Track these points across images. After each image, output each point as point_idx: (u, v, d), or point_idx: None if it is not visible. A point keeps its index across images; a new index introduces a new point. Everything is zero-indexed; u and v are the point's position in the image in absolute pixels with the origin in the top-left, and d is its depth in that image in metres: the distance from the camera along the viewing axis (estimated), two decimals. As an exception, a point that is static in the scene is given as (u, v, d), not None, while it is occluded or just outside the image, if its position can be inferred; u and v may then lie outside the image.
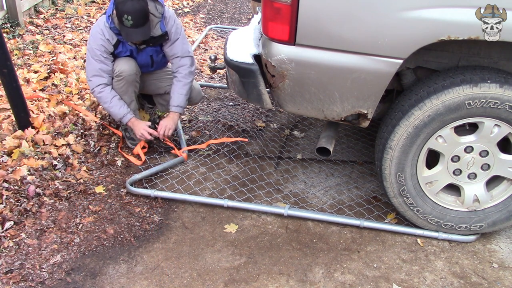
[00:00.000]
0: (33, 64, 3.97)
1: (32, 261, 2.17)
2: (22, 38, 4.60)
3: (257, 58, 2.29)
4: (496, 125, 2.10)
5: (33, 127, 2.95)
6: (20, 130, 2.91)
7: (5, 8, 4.74)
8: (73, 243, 2.29)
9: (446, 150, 2.18)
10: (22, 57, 4.13)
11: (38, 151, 2.80)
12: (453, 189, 2.32)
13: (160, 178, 2.80)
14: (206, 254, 2.26)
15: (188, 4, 6.87)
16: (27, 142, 2.82)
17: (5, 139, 2.82)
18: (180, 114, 2.93)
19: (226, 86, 3.92)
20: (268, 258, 2.25)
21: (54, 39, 4.66)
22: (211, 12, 6.53)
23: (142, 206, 2.58)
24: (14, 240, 2.27)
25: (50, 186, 2.60)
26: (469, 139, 2.16)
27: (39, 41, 4.53)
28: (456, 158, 2.19)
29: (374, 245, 2.35)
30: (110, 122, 3.19)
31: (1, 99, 3.30)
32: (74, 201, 2.58)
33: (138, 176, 2.73)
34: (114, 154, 3.00)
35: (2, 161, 2.67)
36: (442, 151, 2.19)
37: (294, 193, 2.72)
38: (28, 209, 2.42)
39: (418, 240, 2.39)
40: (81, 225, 2.41)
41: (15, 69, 2.92)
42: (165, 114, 3.37)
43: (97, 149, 2.99)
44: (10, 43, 4.37)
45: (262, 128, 3.42)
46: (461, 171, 2.22)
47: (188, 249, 2.29)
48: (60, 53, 4.19)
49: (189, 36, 5.21)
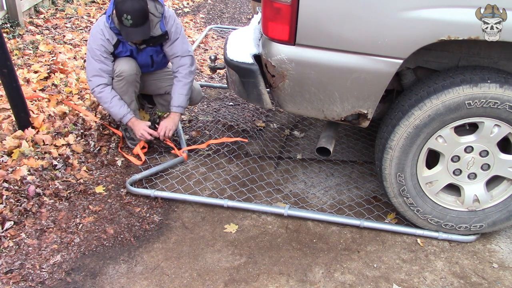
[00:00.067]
0: (33, 64, 3.97)
1: (32, 261, 2.17)
2: (22, 38, 4.60)
3: (257, 58, 2.29)
4: (496, 125, 2.10)
5: (33, 127, 2.95)
6: (20, 130, 2.91)
7: (5, 8, 4.74)
8: (73, 243, 2.29)
9: (446, 150, 2.18)
10: (22, 57, 4.13)
11: (38, 151, 2.80)
12: (453, 189, 2.32)
13: (160, 178, 2.80)
14: (206, 254, 2.26)
15: (188, 4, 6.87)
16: (27, 142, 2.82)
17: (5, 139, 2.82)
18: (181, 115, 2.93)
19: (226, 86, 3.92)
20: (268, 258, 2.25)
21: (54, 39, 4.66)
22: (211, 12, 6.53)
23: (142, 206, 2.58)
24: (14, 240, 2.27)
25: (50, 186, 2.60)
26: (469, 139, 2.16)
27: (39, 41, 4.53)
28: (456, 158, 2.19)
29: (374, 245, 2.35)
30: (110, 122, 3.19)
31: (1, 99, 3.30)
32: (74, 201, 2.58)
33: (138, 176, 2.73)
34: (114, 154, 3.00)
35: (2, 161, 2.67)
36: (442, 151, 2.19)
37: (294, 193, 2.72)
38: (28, 209, 2.42)
39: (418, 240, 2.39)
40: (81, 225, 2.41)
41: (15, 69, 2.92)
42: (165, 114, 3.37)
43: (97, 149, 2.99)
44: (10, 43, 4.37)
45: (262, 128, 3.41)
46: (461, 171, 2.22)
47: (188, 249, 2.29)
48: (60, 53, 4.19)
49: (189, 36, 5.21)
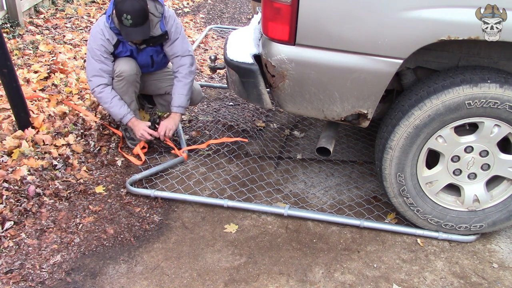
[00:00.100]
0: (33, 64, 3.97)
1: (32, 261, 2.17)
2: (22, 38, 4.60)
3: (257, 58, 2.29)
4: (496, 125, 2.10)
5: (33, 127, 2.95)
6: (20, 130, 2.91)
7: (5, 8, 4.74)
8: (73, 243, 2.29)
9: (446, 150, 2.18)
10: (22, 57, 4.13)
11: (38, 151, 2.80)
12: (453, 189, 2.32)
13: (160, 178, 2.80)
14: (206, 254, 2.26)
15: (188, 4, 6.87)
16: (27, 142, 2.82)
17: (5, 139, 2.82)
18: (181, 115, 2.93)
19: (226, 86, 3.92)
20: (268, 258, 2.25)
21: (54, 39, 4.66)
22: (211, 12, 6.53)
23: (142, 206, 2.58)
24: (14, 240, 2.27)
25: (50, 186, 2.60)
26: (469, 139, 2.16)
27: (39, 41, 4.53)
28: (456, 158, 2.19)
29: (374, 245, 2.35)
30: (110, 122, 3.19)
31: (1, 99, 3.30)
32: (74, 201, 2.58)
33: (138, 176, 2.73)
34: (114, 154, 3.00)
35: (2, 161, 2.67)
36: (442, 151, 2.19)
37: (294, 193, 2.72)
38: (28, 209, 2.42)
39: (418, 240, 2.38)
40: (81, 225, 2.41)
41: (15, 69, 2.92)
42: (165, 114, 3.37)
43: (97, 149, 2.99)
44: (10, 43, 4.37)
45: (262, 128, 3.41)
46: (461, 171, 2.22)
47: (188, 249, 2.29)
48: (60, 53, 4.19)
49: (189, 36, 5.21)
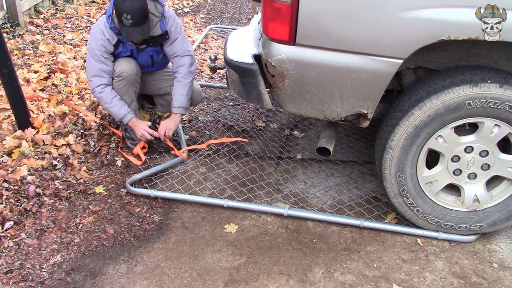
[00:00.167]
0: (33, 64, 3.97)
1: (32, 261, 2.17)
2: (22, 38, 4.60)
3: (257, 58, 2.29)
4: (496, 125, 2.10)
5: (33, 127, 2.95)
6: (20, 130, 2.91)
7: (5, 8, 4.74)
8: (73, 243, 2.29)
9: (446, 150, 2.18)
10: (22, 57, 4.13)
11: (38, 151, 2.80)
12: (453, 189, 2.32)
13: (160, 178, 2.80)
14: (206, 254, 2.26)
15: (188, 4, 6.87)
16: (27, 142, 2.82)
17: (5, 139, 2.82)
18: (181, 115, 2.93)
19: (226, 86, 3.92)
20: (268, 258, 2.25)
21: (54, 39, 4.66)
22: (211, 12, 6.53)
23: (142, 206, 2.58)
24: (14, 240, 2.27)
25: (50, 186, 2.60)
26: (469, 139, 2.16)
27: (39, 41, 4.53)
28: (456, 158, 2.19)
29: (374, 245, 2.35)
30: (110, 122, 3.19)
31: (1, 99, 3.30)
32: (74, 201, 2.58)
33: (138, 176, 2.73)
34: (114, 154, 3.00)
35: (2, 161, 2.67)
36: (442, 151, 2.19)
37: (294, 193, 2.72)
38: (28, 209, 2.42)
39: (418, 240, 2.38)
40: (81, 225, 2.41)
41: (15, 69, 2.93)
42: (165, 114, 3.37)
43: (97, 149, 2.99)
44: (10, 43, 4.37)
45: (262, 128, 3.41)
46: (461, 171, 2.22)
47: (188, 249, 2.29)
48: (60, 53, 4.19)
49: (189, 36, 5.21)
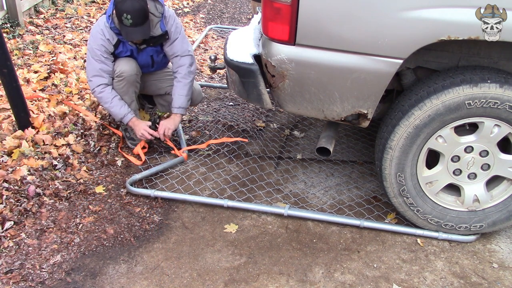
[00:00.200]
0: (33, 64, 3.97)
1: (32, 261, 2.17)
2: (22, 38, 4.60)
3: (257, 58, 2.29)
4: (496, 125, 2.10)
5: (33, 127, 2.95)
6: (20, 130, 2.91)
7: (5, 8, 4.74)
8: (73, 243, 2.29)
9: (446, 150, 2.18)
10: (22, 57, 4.13)
11: (38, 151, 2.80)
12: (453, 189, 2.32)
13: (160, 178, 2.80)
14: (206, 254, 2.26)
15: (188, 4, 6.87)
16: (27, 142, 2.82)
17: (5, 139, 2.82)
18: (181, 115, 2.93)
19: (226, 86, 3.92)
20: (268, 258, 2.25)
21: (54, 39, 4.66)
22: (211, 12, 6.54)
23: (142, 206, 2.58)
24: (14, 240, 2.27)
25: (50, 186, 2.60)
26: (469, 139, 2.16)
27: (39, 41, 4.53)
28: (456, 158, 2.19)
29: (374, 245, 2.35)
30: (110, 122, 3.19)
31: (1, 99, 3.30)
32: (74, 201, 2.58)
33: (138, 176, 2.73)
34: (114, 154, 3.00)
35: (2, 161, 2.67)
36: (442, 151, 2.19)
37: (294, 193, 2.72)
38: (28, 209, 2.42)
39: (418, 240, 2.38)
40: (81, 225, 2.41)
41: (15, 69, 2.92)
42: (165, 114, 3.37)
43: (97, 149, 2.99)
44: (10, 43, 4.37)
45: (262, 128, 3.41)
46: (461, 171, 2.22)
47: (188, 249, 2.29)
48: (60, 53, 4.19)
49: (189, 36, 5.21)
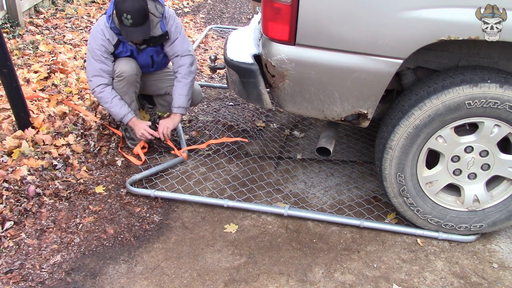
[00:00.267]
0: (33, 64, 3.97)
1: (32, 261, 2.17)
2: (22, 38, 4.60)
3: (257, 58, 2.29)
4: (496, 125, 2.10)
5: (33, 127, 2.95)
6: (20, 130, 2.91)
7: (5, 8, 4.74)
8: (73, 243, 2.29)
9: (446, 150, 2.18)
10: (22, 57, 4.13)
11: (38, 151, 2.80)
12: (453, 189, 2.32)
13: (160, 178, 2.80)
14: (206, 254, 2.26)
15: (188, 4, 6.87)
16: (27, 142, 2.82)
17: (5, 139, 2.82)
18: (181, 115, 2.93)
19: (226, 86, 3.92)
20: (268, 258, 2.25)
21: (54, 39, 4.66)
22: (211, 12, 6.54)
23: (142, 206, 2.58)
24: (14, 240, 2.27)
25: (50, 186, 2.60)
26: (469, 139, 2.16)
27: (39, 41, 4.53)
28: (456, 158, 2.19)
29: (374, 245, 2.35)
30: (110, 122, 3.19)
31: (1, 99, 3.30)
32: (74, 201, 2.58)
33: (138, 176, 2.73)
34: (114, 154, 3.00)
35: (2, 161, 2.67)
36: (442, 151, 2.19)
37: (294, 193, 2.72)
38: (28, 209, 2.42)
39: (418, 240, 2.39)
40: (81, 225, 2.41)
41: (15, 69, 2.93)
42: (165, 115, 3.37)
43: (97, 149, 3.00)
44: (10, 43, 4.37)
45: (262, 128, 3.41)
46: (461, 171, 2.22)
47: (188, 249, 2.29)
48: (60, 53, 4.19)
49: (189, 36, 5.21)
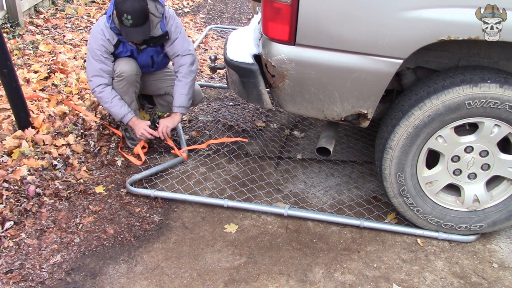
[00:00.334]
0: (33, 64, 3.97)
1: (32, 261, 2.17)
2: (22, 38, 4.60)
3: (257, 58, 2.29)
4: (496, 125, 2.10)
5: (33, 127, 2.95)
6: (20, 130, 2.91)
7: (5, 8, 4.75)
8: (73, 243, 2.29)
9: (446, 150, 2.18)
10: (22, 57, 4.13)
11: (38, 151, 2.80)
12: (453, 189, 2.32)
13: (160, 178, 2.80)
14: (206, 254, 2.26)
15: (188, 4, 6.87)
16: (27, 142, 2.82)
17: (5, 139, 2.82)
18: (182, 115, 2.93)
19: (226, 86, 3.92)
20: (268, 258, 2.25)
21: (54, 39, 4.66)
22: (211, 12, 6.54)
23: (142, 206, 2.58)
24: (14, 240, 2.27)
25: (50, 186, 2.60)
26: (469, 139, 2.16)
27: (39, 41, 4.53)
28: (456, 158, 2.19)
29: (374, 245, 2.35)
30: (110, 122, 3.19)
31: (1, 99, 3.30)
32: (74, 201, 2.58)
33: (138, 176, 2.73)
34: (114, 154, 3.00)
35: (2, 161, 2.67)
36: (442, 151, 2.19)
37: (294, 193, 2.72)
38: (28, 209, 2.42)
39: (418, 240, 2.39)
40: (81, 225, 2.41)
41: (15, 69, 2.93)
42: (165, 114, 3.37)
43: (97, 149, 3.00)
44: (10, 43, 4.37)
45: (262, 128, 3.41)
46: (461, 171, 2.22)
47: (188, 249, 2.29)
48: (60, 53, 4.19)
49: (189, 36, 5.21)
